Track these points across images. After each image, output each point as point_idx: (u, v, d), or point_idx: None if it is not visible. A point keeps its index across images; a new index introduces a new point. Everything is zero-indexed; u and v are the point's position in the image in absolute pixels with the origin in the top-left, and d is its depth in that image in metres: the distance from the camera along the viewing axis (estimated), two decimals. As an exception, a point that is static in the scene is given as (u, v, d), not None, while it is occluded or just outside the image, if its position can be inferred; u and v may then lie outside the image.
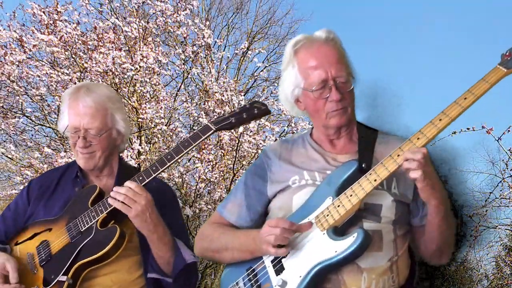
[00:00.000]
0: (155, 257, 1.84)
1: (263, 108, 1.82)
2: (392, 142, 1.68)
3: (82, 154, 1.93)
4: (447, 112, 1.48)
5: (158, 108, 7.84)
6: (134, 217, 1.74)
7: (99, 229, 1.80)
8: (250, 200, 1.74)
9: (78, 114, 1.92)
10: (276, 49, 15.81)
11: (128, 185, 1.77)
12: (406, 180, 1.60)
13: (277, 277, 1.54)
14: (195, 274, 1.93)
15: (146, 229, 1.77)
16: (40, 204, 1.98)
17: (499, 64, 1.49)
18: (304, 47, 1.64)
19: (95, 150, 1.93)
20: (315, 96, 1.60)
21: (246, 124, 1.86)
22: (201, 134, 1.80)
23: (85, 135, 1.91)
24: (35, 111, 8.14)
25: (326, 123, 1.64)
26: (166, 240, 1.82)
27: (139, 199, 1.74)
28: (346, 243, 1.46)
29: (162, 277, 1.85)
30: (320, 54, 1.61)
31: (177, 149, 1.81)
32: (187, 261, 1.82)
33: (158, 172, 1.80)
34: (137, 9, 8.13)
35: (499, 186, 7.61)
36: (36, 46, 7.05)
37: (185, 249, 1.86)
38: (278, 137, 8.40)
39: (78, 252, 1.78)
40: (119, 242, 1.76)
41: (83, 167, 1.97)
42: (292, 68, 1.65)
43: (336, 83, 1.59)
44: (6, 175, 10.29)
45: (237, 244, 1.67)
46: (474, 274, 13.01)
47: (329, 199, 1.56)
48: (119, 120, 1.99)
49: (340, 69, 1.60)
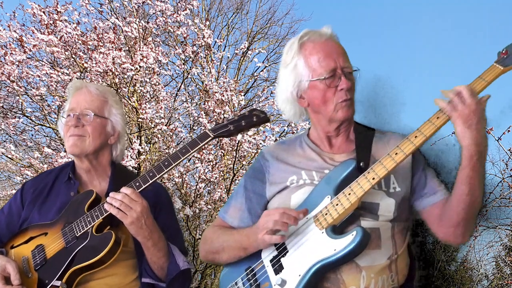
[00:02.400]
0: (150, 262, 1.84)
1: (262, 116, 1.83)
2: (390, 139, 1.69)
3: (71, 137, 1.93)
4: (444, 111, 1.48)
5: (158, 108, 7.85)
6: (130, 224, 1.74)
7: (94, 234, 1.79)
8: (250, 204, 1.75)
9: (78, 98, 1.97)
10: (276, 49, 15.84)
11: (124, 191, 1.76)
12: (402, 171, 1.61)
13: (276, 276, 1.55)
14: (188, 280, 1.94)
15: (142, 235, 1.77)
16: (35, 207, 1.97)
17: (495, 62, 1.49)
18: (311, 40, 1.66)
19: (86, 134, 1.94)
20: (326, 84, 1.61)
21: (244, 131, 1.87)
22: (199, 141, 1.81)
23: (79, 117, 1.94)
24: (35, 111, 8.15)
25: (333, 116, 1.64)
26: (161, 246, 1.82)
27: (135, 206, 1.74)
28: (345, 241, 1.47)
29: (156, 282, 1.86)
30: (328, 46, 1.64)
31: (175, 155, 1.82)
32: (181, 268, 1.83)
33: (155, 178, 1.81)
34: (137, 9, 8.13)
35: (499, 186, 7.61)
36: (36, 46, 7.05)
37: (179, 255, 1.87)
38: (278, 137, 8.40)
39: (73, 257, 1.77)
40: (114, 248, 1.76)
41: (70, 151, 1.96)
42: (298, 60, 1.65)
43: (345, 72, 1.61)
44: (6, 175, 10.28)
45: (232, 242, 1.68)
46: (474, 274, 13.01)
47: (328, 198, 1.56)
48: (116, 115, 2.01)
49: (347, 60, 1.64)
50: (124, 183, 1.82)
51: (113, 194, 1.77)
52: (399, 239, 1.62)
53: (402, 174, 1.63)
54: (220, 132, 1.82)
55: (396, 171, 1.59)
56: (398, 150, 1.51)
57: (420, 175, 1.65)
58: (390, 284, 1.57)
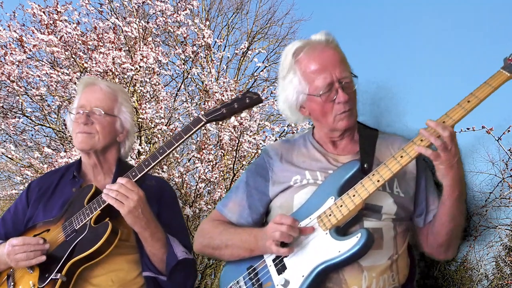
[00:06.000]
0: (149, 254, 1.83)
1: (254, 98, 1.79)
2: (394, 141, 1.69)
3: (80, 133, 1.93)
4: (450, 115, 1.47)
5: (158, 108, 7.85)
6: (127, 213, 1.74)
7: (92, 226, 1.80)
8: (251, 200, 1.74)
9: (89, 95, 1.97)
10: (276, 49, 15.84)
11: (120, 181, 1.77)
12: (406, 177, 1.62)
13: (279, 276, 1.54)
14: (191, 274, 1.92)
15: (139, 225, 1.77)
16: (40, 206, 1.98)
17: (502, 68, 1.48)
18: (305, 52, 1.62)
19: (95, 132, 1.94)
20: (322, 99, 1.59)
21: (238, 114, 1.85)
22: (193, 126, 1.79)
23: (89, 114, 1.93)
24: (35, 111, 8.16)
25: (334, 127, 1.63)
26: (159, 237, 1.81)
27: (131, 195, 1.74)
28: (350, 243, 1.47)
29: (157, 275, 1.85)
30: (323, 57, 1.60)
31: (169, 143, 1.80)
32: (179, 258, 1.81)
33: (150, 166, 1.80)
34: (137, 9, 8.13)
35: (499, 186, 7.62)
36: (36, 46, 7.05)
37: (177, 245, 1.85)
38: (278, 137, 8.40)
39: (72, 250, 1.78)
40: (111, 238, 1.75)
41: (79, 147, 1.96)
42: (294, 75, 1.63)
43: (342, 84, 1.59)
44: (6, 175, 10.30)
45: (238, 241, 1.66)
46: (474, 274, 13.01)
47: (331, 199, 1.56)
48: (126, 112, 2.02)
49: (344, 70, 1.60)
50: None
51: (110, 185, 1.77)
52: (400, 240, 1.62)
53: (406, 179, 1.63)
54: (213, 116, 1.79)
55: (400, 175, 1.60)
56: (403, 153, 1.50)
57: (423, 188, 1.67)
58: (391, 284, 1.57)
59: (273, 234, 1.51)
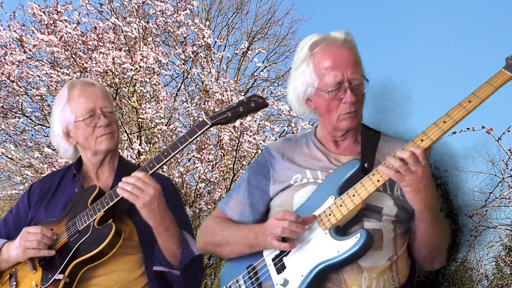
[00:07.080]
0: (162, 249, 1.83)
1: (260, 102, 1.80)
2: (395, 143, 1.68)
3: (105, 135, 1.93)
4: (452, 115, 1.46)
5: (158, 108, 7.84)
6: (142, 206, 1.73)
7: (96, 227, 1.79)
8: (253, 199, 1.74)
9: (90, 97, 1.94)
10: (276, 49, 15.85)
11: (136, 175, 1.76)
12: None
13: (278, 275, 1.54)
14: (200, 271, 1.93)
15: (153, 219, 1.77)
16: (41, 207, 1.98)
17: (504, 68, 1.47)
18: (321, 48, 1.62)
19: (114, 130, 1.95)
20: (330, 96, 1.60)
21: (243, 117, 1.86)
22: (198, 129, 1.79)
23: (104, 114, 1.93)
24: (35, 111, 8.15)
25: (336, 125, 1.64)
26: (173, 232, 1.82)
27: (147, 188, 1.73)
28: (349, 243, 1.46)
29: (169, 269, 1.84)
30: (338, 56, 1.60)
31: (174, 145, 1.81)
32: (195, 253, 1.82)
33: (155, 168, 1.80)
34: (137, 9, 8.14)
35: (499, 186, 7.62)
36: (36, 46, 7.05)
37: (192, 240, 1.86)
38: (278, 137, 8.40)
39: (75, 251, 1.78)
40: (114, 239, 1.75)
41: (107, 147, 1.95)
42: (307, 67, 1.63)
43: (352, 85, 1.59)
44: (6, 175, 10.29)
45: (238, 237, 1.66)
46: (474, 274, 12.99)
47: (331, 198, 1.56)
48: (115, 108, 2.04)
49: (356, 71, 1.60)
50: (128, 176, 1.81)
51: (126, 179, 1.76)
52: (400, 241, 1.62)
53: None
54: (218, 119, 1.79)
55: None
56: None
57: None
58: (391, 285, 1.57)
59: (275, 231, 1.51)
